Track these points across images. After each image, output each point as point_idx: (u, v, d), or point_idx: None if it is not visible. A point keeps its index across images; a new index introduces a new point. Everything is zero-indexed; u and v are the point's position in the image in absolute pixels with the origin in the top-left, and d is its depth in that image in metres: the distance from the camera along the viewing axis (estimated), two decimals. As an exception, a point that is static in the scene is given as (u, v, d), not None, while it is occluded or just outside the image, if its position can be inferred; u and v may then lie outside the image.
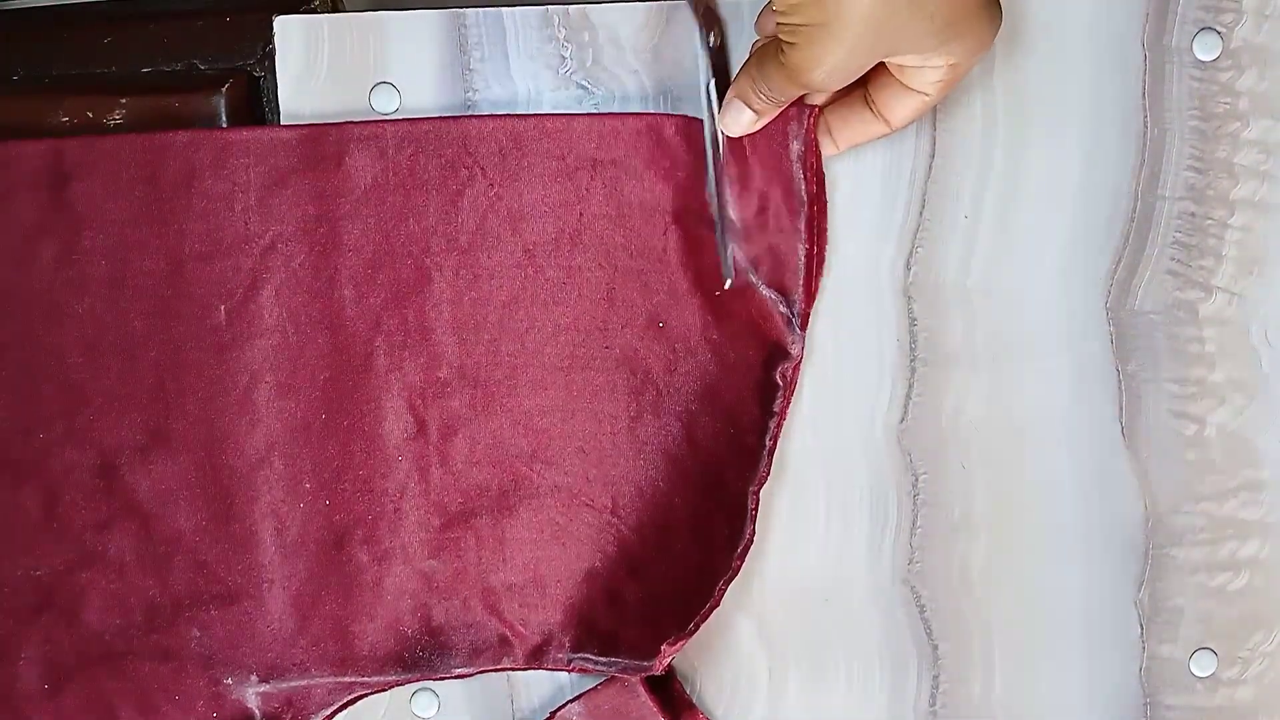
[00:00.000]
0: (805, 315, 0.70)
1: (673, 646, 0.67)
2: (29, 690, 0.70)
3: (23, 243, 0.70)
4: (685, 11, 0.69)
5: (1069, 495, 0.71)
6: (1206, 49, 0.70)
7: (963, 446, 0.71)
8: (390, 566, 0.71)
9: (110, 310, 0.70)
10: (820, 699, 0.72)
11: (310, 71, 0.70)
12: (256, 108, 0.72)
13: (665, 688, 0.71)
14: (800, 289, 0.69)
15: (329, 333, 0.70)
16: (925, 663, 0.72)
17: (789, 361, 0.69)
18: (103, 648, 0.70)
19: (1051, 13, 0.70)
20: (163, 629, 0.70)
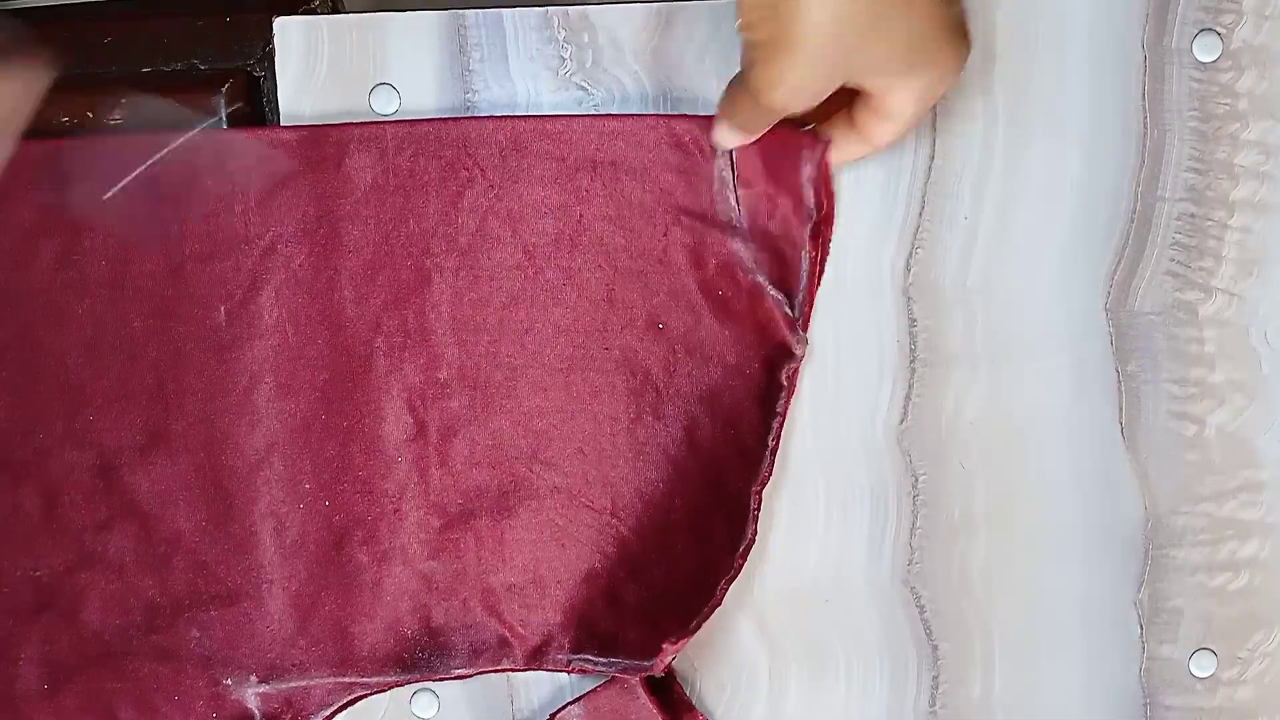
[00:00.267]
0: (807, 317, 0.70)
1: (674, 646, 0.67)
2: (28, 690, 0.70)
3: (23, 243, 0.70)
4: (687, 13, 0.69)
5: (1069, 496, 0.71)
6: (1206, 50, 0.70)
7: (962, 447, 0.71)
8: (390, 567, 0.71)
9: (110, 311, 0.70)
10: (820, 699, 0.72)
11: (310, 72, 0.70)
12: (256, 108, 0.72)
13: (665, 689, 0.71)
14: (803, 291, 0.69)
15: (329, 333, 0.70)
16: (925, 663, 0.72)
17: (792, 362, 0.69)
18: (102, 648, 0.70)
19: (1051, 13, 0.70)
20: (162, 629, 0.70)
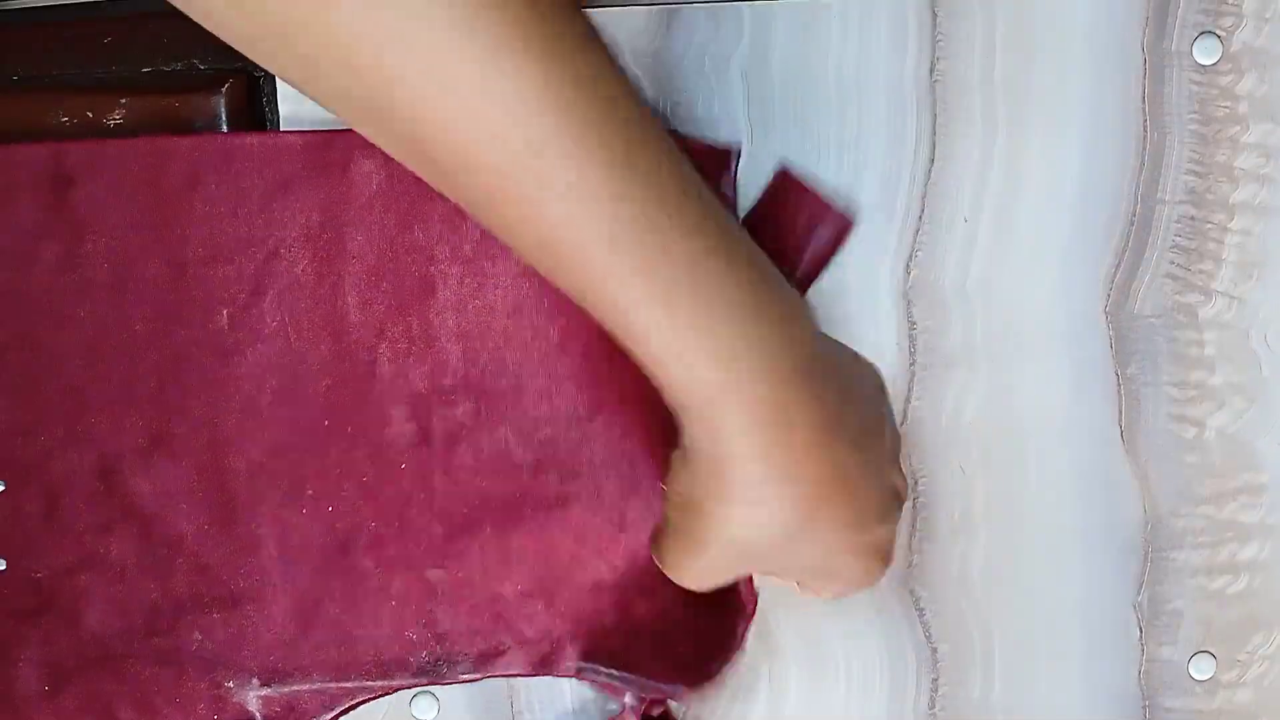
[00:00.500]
0: None
1: (696, 689, 0.68)
2: (28, 692, 0.70)
3: (24, 246, 0.70)
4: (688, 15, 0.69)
5: (1068, 498, 0.71)
6: (1206, 53, 0.70)
7: (962, 449, 0.71)
8: (394, 573, 0.70)
9: (112, 314, 0.70)
10: (820, 700, 0.72)
11: (310, 73, 0.70)
12: (256, 109, 0.72)
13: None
14: None
15: (332, 339, 0.70)
16: (924, 664, 0.72)
17: None
18: (103, 650, 0.70)
19: (1051, 16, 0.70)
20: (163, 632, 0.70)
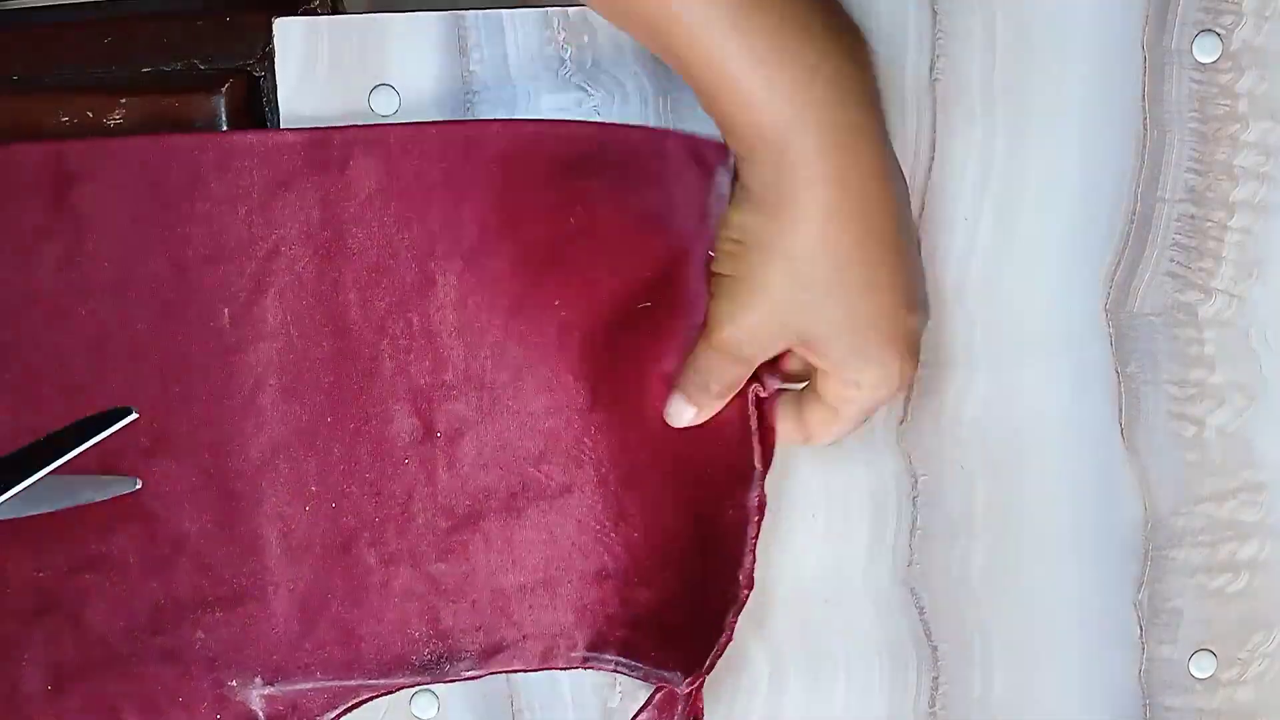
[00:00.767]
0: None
1: (693, 683, 0.68)
2: (32, 692, 0.70)
3: (25, 246, 0.70)
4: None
5: (1068, 497, 0.71)
6: (1206, 51, 0.70)
7: (962, 448, 0.71)
8: (398, 569, 0.71)
9: (113, 313, 0.70)
10: (820, 700, 0.72)
11: (310, 73, 0.70)
12: (256, 108, 0.72)
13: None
14: None
15: (333, 337, 0.70)
16: (924, 664, 0.72)
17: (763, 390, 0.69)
18: (106, 650, 0.70)
19: (1051, 14, 0.70)
20: (167, 631, 0.70)
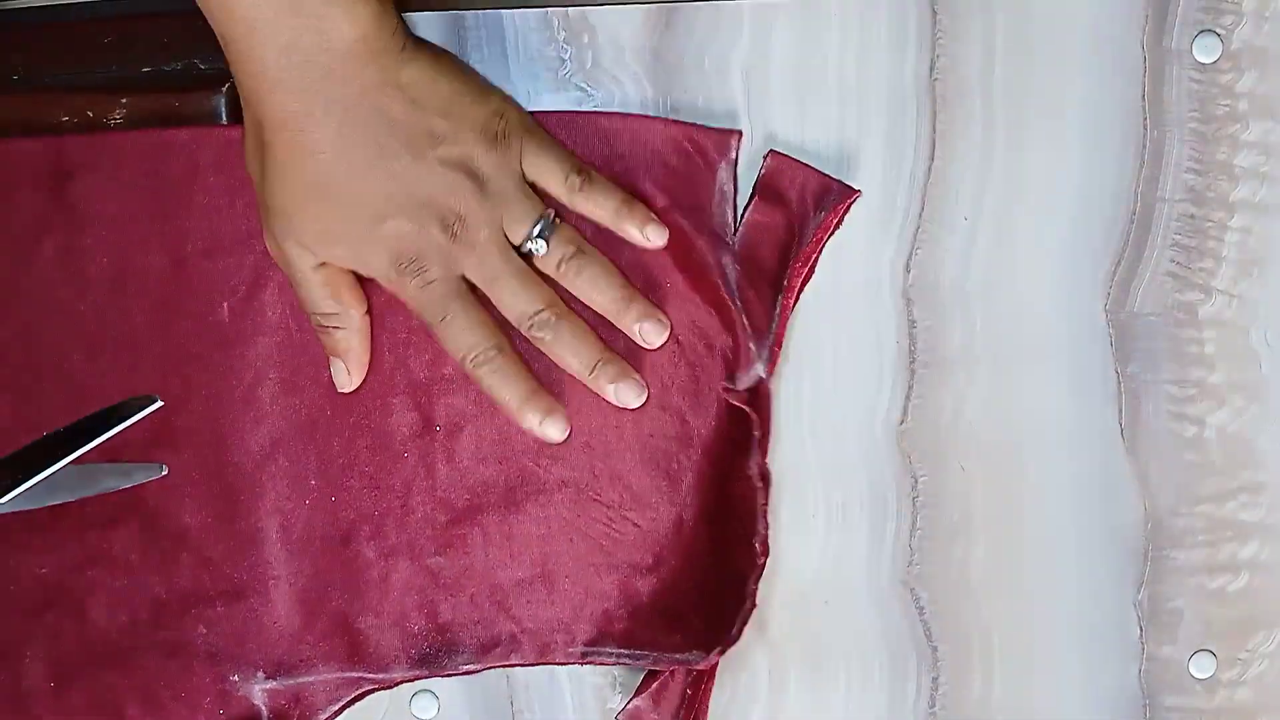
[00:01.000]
0: (775, 357, 0.70)
1: (720, 653, 0.68)
2: (35, 688, 0.70)
3: (24, 240, 0.70)
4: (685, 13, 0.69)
5: (1068, 497, 0.71)
6: (1206, 51, 0.70)
7: (962, 448, 0.71)
8: (397, 563, 0.70)
9: (112, 307, 0.70)
10: (820, 700, 0.72)
11: (311, 72, 0.70)
12: (257, 108, 0.72)
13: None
14: (773, 334, 0.69)
15: (331, 330, 0.70)
16: (925, 664, 0.72)
17: (757, 381, 0.70)
18: (109, 645, 0.70)
19: (1051, 15, 0.70)
20: (168, 626, 0.70)
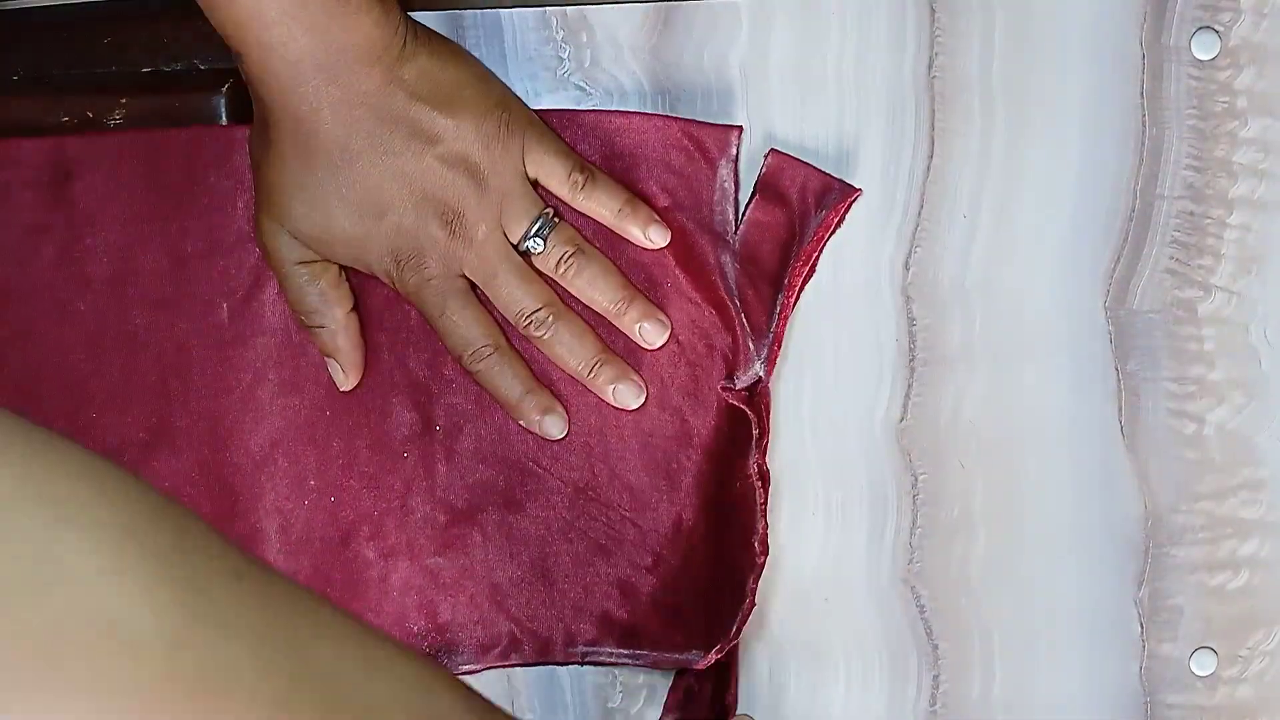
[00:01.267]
0: (773, 357, 0.70)
1: (719, 652, 0.67)
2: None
3: (24, 240, 0.70)
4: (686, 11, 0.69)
5: (1068, 494, 0.71)
6: (1205, 48, 0.70)
7: (962, 446, 0.71)
8: (396, 563, 0.70)
9: (112, 307, 0.70)
10: (820, 699, 0.72)
11: (310, 72, 0.70)
12: (256, 108, 0.72)
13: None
14: (772, 334, 0.69)
15: (331, 331, 0.70)
16: (925, 662, 0.72)
17: (757, 380, 0.69)
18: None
19: (1050, 12, 0.70)
20: None
